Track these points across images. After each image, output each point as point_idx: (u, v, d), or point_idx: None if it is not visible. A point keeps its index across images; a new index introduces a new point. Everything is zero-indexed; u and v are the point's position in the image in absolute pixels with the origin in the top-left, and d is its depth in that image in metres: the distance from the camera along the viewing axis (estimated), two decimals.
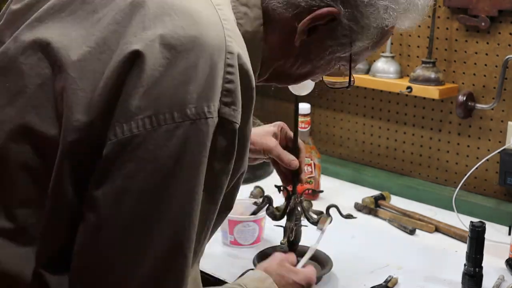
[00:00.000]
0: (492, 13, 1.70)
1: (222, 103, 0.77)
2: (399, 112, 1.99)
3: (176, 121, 0.74)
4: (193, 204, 0.77)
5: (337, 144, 2.17)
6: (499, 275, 1.44)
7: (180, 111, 0.74)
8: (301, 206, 1.43)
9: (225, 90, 0.77)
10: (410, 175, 2.01)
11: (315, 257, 1.48)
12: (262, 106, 2.30)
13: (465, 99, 1.77)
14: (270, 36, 0.91)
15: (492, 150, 1.77)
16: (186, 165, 0.75)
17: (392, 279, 1.41)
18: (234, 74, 0.78)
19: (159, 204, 0.76)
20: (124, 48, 0.76)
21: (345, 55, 0.95)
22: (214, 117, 0.76)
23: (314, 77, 1.02)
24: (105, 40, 0.78)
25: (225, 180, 0.82)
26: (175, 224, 0.77)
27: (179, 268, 0.79)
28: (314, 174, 1.92)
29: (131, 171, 0.74)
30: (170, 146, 0.74)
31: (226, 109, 0.77)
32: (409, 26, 0.97)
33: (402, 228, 1.72)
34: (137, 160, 0.74)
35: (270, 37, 0.91)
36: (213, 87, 0.76)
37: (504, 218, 1.72)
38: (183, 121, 0.74)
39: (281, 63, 0.95)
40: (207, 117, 0.75)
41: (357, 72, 1.94)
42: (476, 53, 1.78)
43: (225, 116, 0.77)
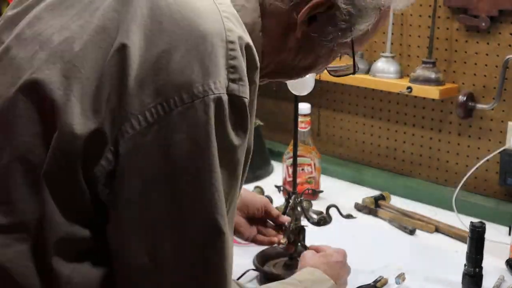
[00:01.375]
0: (492, 13, 1.70)
1: (229, 81, 0.78)
2: (399, 112, 1.99)
3: (186, 102, 0.76)
4: (216, 179, 0.78)
5: (337, 144, 2.17)
6: (499, 275, 1.44)
7: (188, 92, 0.76)
8: (301, 206, 1.43)
9: (230, 67, 0.78)
10: (410, 175, 2.01)
11: None
12: (262, 106, 2.30)
13: (465, 99, 1.77)
14: (269, 29, 0.92)
15: (492, 150, 1.77)
16: (203, 143, 0.77)
17: (382, 280, 1.41)
18: (236, 51, 0.79)
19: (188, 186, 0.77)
20: (124, 35, 0.77)
21: (347, 41, 0.95)
22: (222, 94, 0.77)
23: (318, 69, 1.02)
24: (104, 28, 0.79)
25: (242, 155, 0.83)
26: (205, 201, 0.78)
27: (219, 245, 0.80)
28: (314, 174, 1.92)
29: (155, 159, 0.76)
30: (184, 127, 0.76)
31: (234, 86, 0.79)
32: (404, 6, 1.00)
33: (402, 228, 1.72)
34: (158, 148, 0.76)
35: (269, 30, 0.92)
36: (217, 64, 0.77)
37: (504, 218, 1.72)
38: (193, 100, 0.76)
39: (283, 57, 0.96)
40: (214, 93, 0.76)
41: (357, 72, 1.93)
42: (476, 53, 1.78)
43: (234, 92, 0.79)
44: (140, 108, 0.76)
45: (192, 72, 0.76)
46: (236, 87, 0.79)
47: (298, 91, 1.30)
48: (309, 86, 1.29)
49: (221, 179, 0.79)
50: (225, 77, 0.78)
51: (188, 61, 0.76)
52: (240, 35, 0.80)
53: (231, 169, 0.82)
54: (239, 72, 0.79)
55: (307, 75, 1.04)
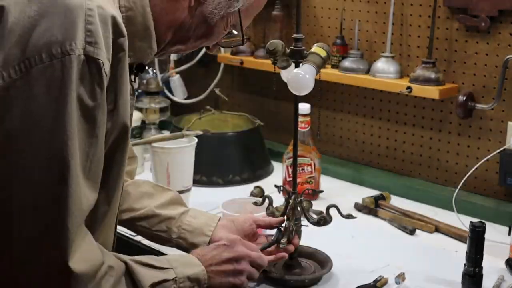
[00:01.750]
0: (492, 13, 1.70)
1: (86, 43, 0.89)
2: (399, 112, 2.00)
3: (45, 61, 0.87)
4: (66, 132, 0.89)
5: (337, 144, 2.17)
6: (499, 275, 1.44)
7: (47, 52, 0.87)
8: (301, 206, 1.43)
9: (87, 31, 0.89)
10: (410, 175, 2.01)
11: (314, 257, 1.48)
12: (262, 106, 2.30)
13: (465, 99, 1.77)
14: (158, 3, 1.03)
15: (492, 150, 1.77)
16: (58, 100, 0.88)
17: (382, 279, 1.41)
18: (93, 17, 0.90)
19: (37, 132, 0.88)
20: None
21: (235, 11, 1.08)
22: (78, 54, 0.88)
23: (213, 39, 1.12)
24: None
25: (102, 116, 0.93)
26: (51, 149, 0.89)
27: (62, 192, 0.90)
28: (314, 174, 1.92)
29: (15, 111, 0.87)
30: (42, 83, 0.87)
31: (90, 48, 0.89)
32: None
33: (402, 228, 1.72)
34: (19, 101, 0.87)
35: (159, 4, 1.03)
36: (75, 28, 0.88)
37: (504, 218, 1.72)
38: (51, 60, 0.87)
39: (178, 25, 1.06)
40: (70, 54, 0.88)
41: (357, 72, 1.94)
42: (476, 53, 1.78)
43: (89, 54, 0.89)
44: (5, 65, 0.87)
45: (52, 35, 0.88)
46: (92, 49, 0.89)
47: (298, 91, 1.30)
48: (309, 86, 1.29)
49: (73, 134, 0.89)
50: (82, 40, 0.89)
51: (51, 26, 0.88)
52: (99, 5, 0.91)
53: (89, 128, 0.92)
54: (95, 36, 0.89)
55: (202, 45, 1.13)
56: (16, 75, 0.87)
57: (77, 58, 0.88)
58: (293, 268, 1.43)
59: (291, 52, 1.35)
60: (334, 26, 2.06)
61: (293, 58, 1.35)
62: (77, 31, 0.88)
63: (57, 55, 0.87)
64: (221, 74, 2.38)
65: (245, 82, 1.58)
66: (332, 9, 2.07)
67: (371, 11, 1.98)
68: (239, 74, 2.40)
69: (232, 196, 1.71)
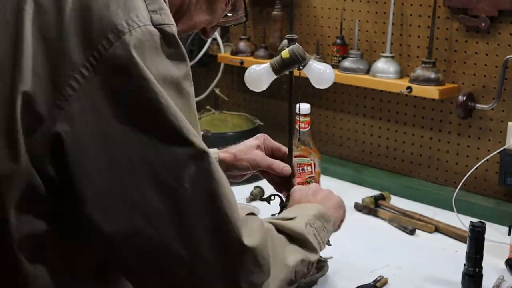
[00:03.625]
0: (492, 13, 1.70)
1: (150, 12, 0.79)
2: (399, 112, 2.00)
3: (113, 42, 0.75)
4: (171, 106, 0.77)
5: (337, 144, 2.17)
6: (499, 275, 1.44)
7: (113, 31, 0.75)
8: None
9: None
10: (410, 175, 2.01)
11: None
12: (262, 106, 2.31)
13: (465, 99, 1.77)
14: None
15: (492, 150, 1.77)
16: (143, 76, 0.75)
17: (382, 279, 1.41)
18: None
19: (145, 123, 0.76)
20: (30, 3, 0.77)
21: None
22: (148, 25, 0.77)
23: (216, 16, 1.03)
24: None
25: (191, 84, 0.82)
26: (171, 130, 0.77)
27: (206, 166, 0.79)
28: (314, 174, 1.92)
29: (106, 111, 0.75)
30: (120, 67, 0.75)
31: (157, 16, 0.79)
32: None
33: (402, 228, 1.72)
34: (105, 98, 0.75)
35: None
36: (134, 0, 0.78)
37: (504, 218, 1.72)
38: (119, 37, 0.75)
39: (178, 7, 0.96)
40: (139, 25, 0.77)
41: (357, 72, 1.94)
42: (476, 53, 1.78)
43: (159, 22, 0.79)
44: (74, 67, 0.75)
45: (111, 14, 0.76)
46: (160, 17, 0.79)
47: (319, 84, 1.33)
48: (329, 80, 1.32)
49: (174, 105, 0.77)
50: (146, 9, 0.78)
51: (106, 5, 0.76)
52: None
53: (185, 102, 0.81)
54: (157, 2, 0.80)
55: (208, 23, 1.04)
56: (88, 72, 0.75)
57: (146, 29, 0.77)
58: None
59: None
60: (334, 26, 2.07)
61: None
62: (137, 2, 0.78)
63: (125, 30, 0.75)
64: (221, 74, 2.38)
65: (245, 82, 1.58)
66: (332, 9, 2.07)
67: (371, 11, 1.98)
68: (239, 74, 2.41)
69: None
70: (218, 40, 2.38)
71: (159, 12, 0.79)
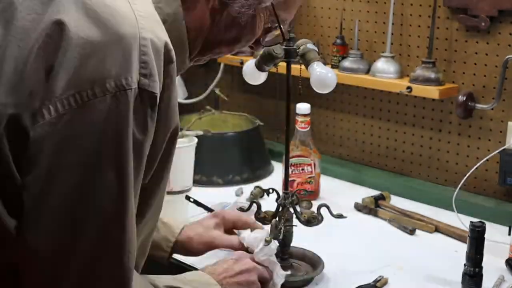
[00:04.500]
0: (492, 13, 1.70)
1: (141, 75, 0.82)
2: (399, 112, 2.00)
3: (98, 96, 0.79)
4: (124, 171, 0.82)
5: (337, 144, 2.17)
6: (499, 275, 1.44)
7: (100, 86, 0.79)
8: (292, 206, 1.42)
9: (142, 62, 0.82)
10: (410, 175, 2.01)
11: (306, 258, 1.48)
12: (262, 106, 2.30)
13: (465, 99, 1.77)
14: (191, 11, 0.96)
15: (492, 150, 1.77)
16: (112, 137, 0.80)
17: (382, 279, 1.41)
18: (147, 47, 0.83)
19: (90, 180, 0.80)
20: (42, 33, 0.81)
21: (267, 6, 0.98)
22: (133, 88, 0.81)
23: (246, 40, 1.03)
24: (24, 29, 0.82)
25: (147, 148, 0.86)
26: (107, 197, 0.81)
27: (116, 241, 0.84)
28: (314, 174, 1.92)
29: (62, 149, 0.79)
30: (94, 120, 0.79)
31: (145, 81, 0.82)
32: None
33: (402, 228, 1.72)
34: (66, 138, 0.79)
35: (191, 12, 0.95)
36: (130, 61, 0.81)
37: (504, 218, 1.72)
38: (104, 95, 0.79)
39: (208, 33, 0.99)
40: (126, 89, 0.80)
41: (357, 72, 1.94)
42: (476, 53, 1.78)
43: (144, 87, 0.82)
44: (51, 98, 0.78)
45: (105, 68, 0.79)
46: (147, 82, 0.82)
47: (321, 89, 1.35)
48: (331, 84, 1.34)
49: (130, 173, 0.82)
50: (137, 72, 0.81)
51: (103, 57, 0.80)
52: (153, 34, 0.84)
53: (137, 163, 0.84)
54: (150, 68, 0.82)
55: (238, 48, 1.05)
56: (63, 110, 0.78)
57: (131, 93, 0.80)
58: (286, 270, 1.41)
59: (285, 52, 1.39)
60: (334, 26, 2.06)
61: (286, 58, 1.39)
62: (131, 64, 0.81)
63: (111, 89, 0.79)
64: (221, 74, 2.38)
65: (245, 82, 1.58)
66: (332, 9, 2.07)
67: (371, 11, 1.98)
68: (239, 74, 2.40)
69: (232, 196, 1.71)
70: None
71: (148, 77, 0.82)
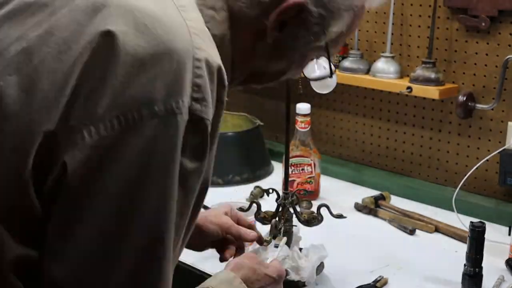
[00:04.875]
0: (492, 13, 1.70)
1: (192, 99, 0.74)
2: (399, 112, 2.00)
3: (144, 119, 0.71)
4: (167, 205, 0.75)
5: (337, 144, 2.17)
6: (499, 275, 1.44)
7: (148, 108, 0.72)
8: (292, 206, 1.42)
9: (195, 85, 0.75)
10: (410, 175, 2.01)
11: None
12: (262, 106, 2.30)
13: (465, 99, 1.77)
14: (239, 37, 0.89)
15: (492, 151, 1.77)
16: (157, 164, 0.73)
17: (382, 279, 1.41)
18: (201, 69, 0.76)
19: (134, 205, 0.73)
20: (88, 46, 0.74)
21: (321, 44, 0.92)
22: (184, 113, 0.73)
23: (291, 73, 0.99)
24: (65, 40, 0.75)
25: (198, 181, 0.79)
26: (150, 227, 0.75)
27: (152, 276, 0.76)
28: (314, 174, 1.92)
29: (102, 175, 0.72)
30: (139, 145, 0.72)
31: (197, 106, 0.75)
32: (378, 3, 0.97)
33: (402, 228, 1.72)
34: (108, 163, 0.71)
35: (239, 38, 0.89)
36: (182, 82, 0.74)
37: (504, 218, 1.72)
38: (152, 118, 0.72)
39: (255, 64, 0.93)
40: (175, 113, 0.73)
41: (357, 72, 1.94)
42: (476, 53, 1.78)
43: (196, 112, 0.75)
44: (93, 119, 0.71)
45: (154, 88, 0.72)
46: (199, 107, 0.75)
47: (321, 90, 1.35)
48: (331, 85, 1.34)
49: (173, 207, 0.75)
50: (189, 96, 0.74)
51: (152, 76, 0.72)
52: (207, 53, 0.77)
53: (183, 195, 0.77)
54: (203, 92, 0.75)
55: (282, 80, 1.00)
56: (106, 132, 0.71)
57: (181, 118, 0.73)
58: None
59: None
60: None
61: None
62: (183, 86, 0.73)
63: (160, 112, 0.71)
64: None
65: None
66: None
67: (371, 11, 1.98)
68: None
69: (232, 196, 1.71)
70: None
71: (201, 102, 0.75)
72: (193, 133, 0.75)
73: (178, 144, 0.73)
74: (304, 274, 1.34)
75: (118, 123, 0.71)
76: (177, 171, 0.74)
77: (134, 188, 0.73)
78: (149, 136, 0.72)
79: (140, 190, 0.73)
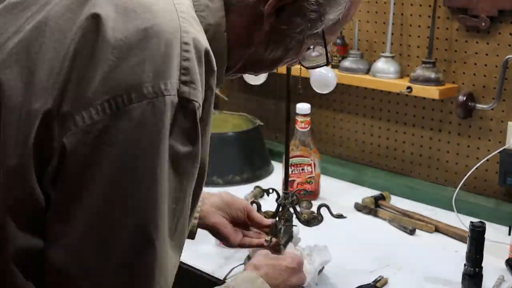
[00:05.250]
0: (492, 13, 1.70)
1: (180, 82, 0.76)
2: (399, 112, 2.00)
3: (134, 102, 0.73)
4: (158, 186, 0.75)
5: (337, 144, 2.17)
6: (499, 275, 1.44)
7: (137, 91, 0.73)
8: (292, 206, 1.42)
9: (183, 68, 0.76)
10: (410, 175, 2.01)
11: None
12: (262, 106, 2.30)
13: (465, 99, 1.77)
14: (235, 25, 0.90)
15: (492, 150, 1.77)
16: (146, 145, 0.74)
17: (382, 279, 1.41)
18: (190, 52, 0.77)
19: (126, 187, 0.75)
20: (78, 31, 0.76)
21: (317, 31, 0.93)
22: (172, 95, 0.75)
23: (287, 61, 1.00)
24: (60, 29, 0.78)
25: (192, 166, 0.80)
26: (142, 209, 0.76)
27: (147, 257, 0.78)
28: (314, 174, 1.92)
29: (96, 159, 0.73)
30: (131, 127, 0.73)
31: (185, 88, 0.76)
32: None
33: (402, 228, 1.72)
34: (100, 147, 0.73)
35: (235, 26, 0.90)
36: (169, 64, 0.75)
37: (504, 218, 1.72)
38: (141, 100, 0.73)
39: (252, 51, 0.94)
40: (164, 95, 0.74)
41: (357, 72, 1.94)
42: (476, 53, 1.78)
43: (184, 95, 0.76)
44: (84, 105, 0.73)
45: (143, 71, 0.74)
46: (187, 90, 0.76)
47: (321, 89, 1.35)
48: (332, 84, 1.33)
49: (164, 189, 0.76)
50: (177, 79, 0.75)
51: (140, 60, 0.74)
52: (195, 37, 0.78)
53: (177, 181, 0.78)
54: (191, 74, 0.77)
55: (279, 67, 1.01)
56: (98, 116, 0.73)
57: (169, 99, 0.74)
58: None
59: None
60: None
61: None
62: (171, 69, 0.75)
63: (149, 95, 0.73)
64: None
65: (245, 82, 1.58)
66: None
67: (371, 11, 1.98)
68: None
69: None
70: None
71: (189, 85, 0.76)
72: (182, 115, 0.76)
73: (166, 124, 0.75)
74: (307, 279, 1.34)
75: (108, 107, 0.73)
76: (166, 152, 0.76)
77: (127, 170, 0.74)
78: (139, 117, 0.73)
79: (132, 171, 0.75)
